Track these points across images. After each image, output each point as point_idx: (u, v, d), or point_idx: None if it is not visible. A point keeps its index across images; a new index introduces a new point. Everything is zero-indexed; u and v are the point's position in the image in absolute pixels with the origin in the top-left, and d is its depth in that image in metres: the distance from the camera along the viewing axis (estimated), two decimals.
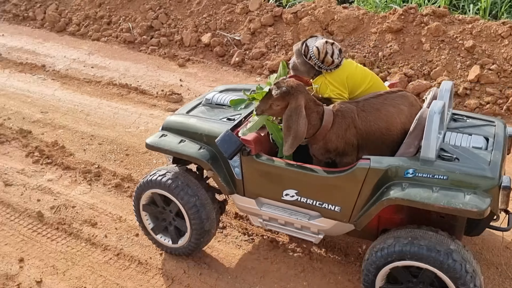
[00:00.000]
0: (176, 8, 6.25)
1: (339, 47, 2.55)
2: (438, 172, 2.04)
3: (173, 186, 2.51)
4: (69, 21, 6.65)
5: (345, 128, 2.32)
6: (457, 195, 1.97)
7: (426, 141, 2.08)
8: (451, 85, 2.37)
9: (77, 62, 5.68)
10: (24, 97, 4.82)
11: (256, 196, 2.50)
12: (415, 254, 2.01)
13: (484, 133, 2.30)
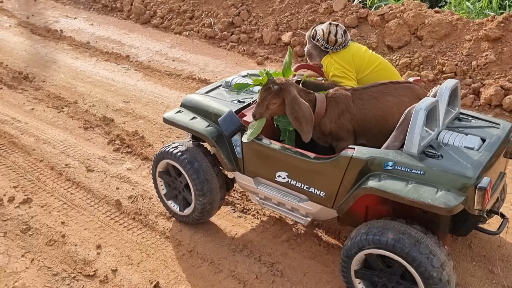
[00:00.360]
0: (258, 5, 6.21)
1: (344, 28, 2.68)
2: (416, 167, 2.08)
3: (182, 159, 2.71)
4: (154, 13, 6.82)
5: (338, 114, 2.43)
6: (430, 190, 2.00)
7: (410, 136, 2.12)
8: (453, 84, 2.34)
9: (159, 55, 5.80)
10: (109, 86, 4.99)
11: (254, 175, 2.64)
12: (383, 243, 2.07)
13: (482, 134, 2.26)
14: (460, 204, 1.95)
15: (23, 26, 6.71)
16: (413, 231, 2.08)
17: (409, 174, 2.08)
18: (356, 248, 2.18)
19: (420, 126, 2.09)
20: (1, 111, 4.37)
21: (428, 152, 2.14)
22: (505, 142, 2.28)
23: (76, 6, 7.53)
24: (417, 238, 2.04)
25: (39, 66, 5.43)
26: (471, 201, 2.00)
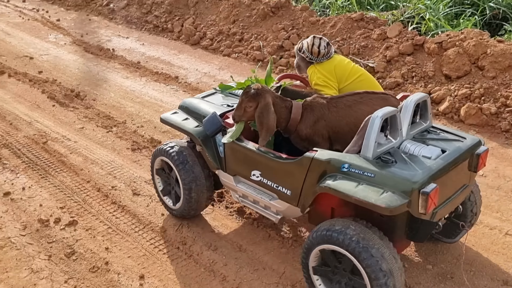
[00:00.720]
0: (309, 29, 6.12)
1: (327, 41, 2.93)
2: (368, 170, 2.20)
3: (175, 158, 2.95)
4: (204, 35, 6.86)
5: (314, 120, 2.60)
6: (376, 191, 2.12)
7: (366, 142, 2.27)
8: (419, 97, 2.44)
9: (207, 76, 5.79)
10: (157, 106, 4.99)
11: (234, 174, 2.83)
12: (335, 239, 2.20)
13: (444, 146, 2.36)
14: (401, 206, 2.06)
15: (77, 44, 6.90)
16: (367, 233, 2.20)
17: (361, 176, 2.21)
18: (312, 243, 2.32)
19: (376, 132, 2.23)
20: (53, 129, 4.43)
21: (384, 158, 2.26)
22: (466, 154, 2.36)
23: (129, 26, 7.70)
24: (369, 239, 2.16)
25: (90, 84, 5.52)
26: (415, 205, 2.10)
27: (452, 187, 2.36)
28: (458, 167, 2.33)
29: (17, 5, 9.01)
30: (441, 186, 2.15)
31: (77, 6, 8.72)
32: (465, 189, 2.46)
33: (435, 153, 2.29)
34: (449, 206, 2.37)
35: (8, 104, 4.89)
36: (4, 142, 4.16)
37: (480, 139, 2.50)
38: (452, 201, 2.37)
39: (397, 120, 2.33)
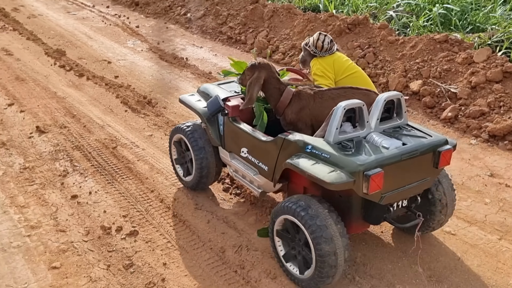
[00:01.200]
0: (386, 49, 5.85)
1: (331, 38, 3.27)
2: (325, 151, 2.46)
3: (190, 136, 3.35)
4: (276, 48, 6.78)
5: (299, 108, 2.90)
6: (327, 169, 2.38)
7: (329, 128, 2.52)
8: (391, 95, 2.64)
9: None
10: None
11: (230, 150, 3.22)
12: (292, 211, 2.51)
13: (407, 141, 2.54)
14: (345, 184, 2.31)
15: (153, 51, 7.07)
16: (319, 206, 2.48)
17: (319, 156, 2.48)
18: (278, 212, 2.65)
19: (337, 120, 2.49)
20: (123, 134, 4.51)
21: (344, 143, 2.50)
22: (426, 150, 2.52)
23: (203, 36, 7.80)
24: (318, 211, 2.45)
25: (162, 92, 5.60)
26: (359, 185, 2.32)
27: (407, 177, 2.54)
28: (416, 160, 2.50)
29: (101, 10, 9.46)
30: (391, 173, 2.38)
31: (156, 14, 9.00)
32: (424, 182, 2.62)
33: (394, 145, 2.48)
34: (400, 194, 2.55)
35: (84, 107, 5.06)
36: (76, 144, 4.28)
37: (446, 138, 2.65)
38: (406, 190, 2.56)
39: (364, 113, 2.57)
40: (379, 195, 2.41)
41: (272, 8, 7.43)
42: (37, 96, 5.26)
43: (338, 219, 2.49)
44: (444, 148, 2.57)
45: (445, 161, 2.59)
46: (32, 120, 4.69)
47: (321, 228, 2.40)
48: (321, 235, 2.39)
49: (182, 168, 3.59)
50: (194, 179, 3.44)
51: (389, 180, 2.38)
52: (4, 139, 4.27)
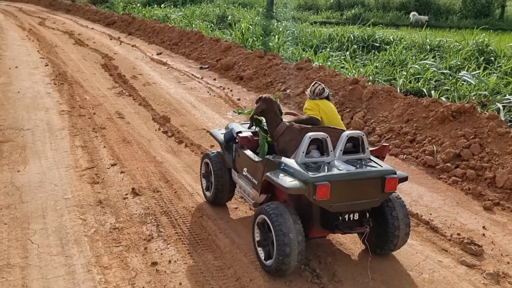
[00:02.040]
0: (494, 140, 5.41)
1: (323, 87, 4.14)
2: (292, 168, 3.26)
3: (212, 160, 4.31)
4: (372, 130, 6.63)
5: (289, 139, 3.66)
6: (289, 180, 3.18)
7: (298, 152, 3.37)
8: (353, 133, 3.43)
9: None
10: None
11: (237, 171, 4.06)
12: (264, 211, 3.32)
13: (360, 168, 3.29)
14: (298, 190, 3.10)
15: None
16: (285, 210, 3.23)
17: (287, 171, 3.26)
18: (258, 212, 3.41)
19: (304, 146, 3.31)
20: (210, 205, 4.56)
21: (308, 164, 3.28)
22: (372, 175, 3.25)
23: (300, 112, 7.90)
24: (283, 213, 3.21)
25: None
26: (311, 193, 3.08)
27: (355, 194, 3.26)
28: (364, 182, 3.26)
29: (208, 82, 10.14)
30: (339, 188, 3.14)
31: (257, 89, 9.41)
32: (372, 201, 3.35)
33: (347, 169, 3.24)
34: (348, 206, 3.29)
35: (178, 173, 5.27)
36: (165, 209, 4.41)
37: (394, 170, 3.35)
38: (354, 204, 3.30)
39: (328, 144, 3.37)
40: (328, 203, 3.17)
41: (372, 89, 7.38)
42: (138, 159, 5.61)
43: (298, 221, 3.24)
44: (389, 176, 3.29)
45: (390, 187, 3.30)
46: (130, 181, 4.97)
47: (281, 224, 3.16)
48: (281, 229, 3.15)
49: (207, 183, 4.51)
50: (212, 193, 4.35)
51: (337, 193, 3.15)
52: (102, 198, 4.55)
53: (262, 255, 3.46)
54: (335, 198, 3.14)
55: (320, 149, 3.41)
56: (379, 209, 3.53)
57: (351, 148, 3.45)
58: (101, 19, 21.37)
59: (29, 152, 5.62)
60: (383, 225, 3.51)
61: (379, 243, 3.58)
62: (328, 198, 3.09)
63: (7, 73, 10.03)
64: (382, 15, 24.53)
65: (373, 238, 3.56)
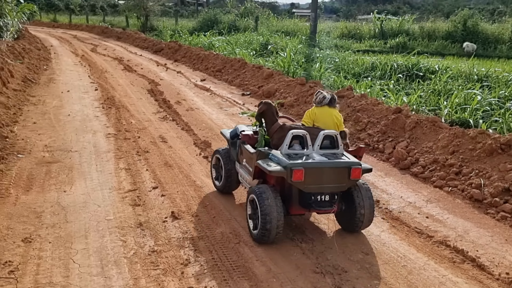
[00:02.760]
0: None
1: (324, 95, 4.75)
2: (277, 157, 4.15)
3: (222, 155, 5.21)
4: (416, 161, 6.46)
5: (281, 136, 4.46)
6: (273, 165, 4.06)
7: (282, 145, 4.28)
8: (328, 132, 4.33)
9: (412, 207, 5.29)
10: None
11: (239, 162, 4.90)
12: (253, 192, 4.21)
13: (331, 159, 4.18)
14: (278, 172, 3.99)
15: None
16: (269, 190, 4.13)
17: (273, 159, 4.17)
18: (249, 192, 4.35)
19: (288, 140, 4.24)
20: (247, 231, 4.55)
21: (290, 155, 4.18)
22: (342, 166, 4.12)
23: None
24: (268, 197, 4.05)
25: None
26: (288, 175, 3.95)
27: (326, 179, 4.09)
28: (333, 170, 4.10)
29: (249, 108, 10.26)
30: (312, 173, 4.00)
31: (298, 115, 9.39)
32: (340, 186, 4.19)
33: (320, 159, 4.12)
34: (320, 188, 4.11)
35: (217, 198, 5.30)
36: (203, 234, 4.44)
37: (360, 162, 4.20)
38: (325, 187, 4.12)
39: (306, 140, 4.26)
40: (302, 185, 4.02)
41: (416, 119, 7.23)
42: (179, 182, 5.70)
43: (279, 202, 4.09)
44: (355, 166, 4.11)
45: (355, 175, 4.12)
46: (170, 205, 5.04)
47: (264, 201, 4.03)
48: (264, 203, 4.02)
49: (216, 174, 5.43)
50: (222, 183, 5.27)
51: (310, 177, 4.00)
52: (142, 220, 4.64)
53: (251, 225, 4.34)
54: (309, 181, 4.01)
55: (301, 144, 4.31)
56: (349, 193, 4.38)
57: (328, 145, 4.34)
58: (149, 46, 22.25)
59: (76, 173, 5.84)
60: (351, 207, 4.38)
61: (350, 223, 4.47)
62: (302, 180, 3.97)
63: (59, 96, 10.57)
64: (427, 44, 24.21)
65: (345, 218, 4.52)
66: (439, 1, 54.40)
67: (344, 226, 4.58)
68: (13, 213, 4.63)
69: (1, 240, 4.11)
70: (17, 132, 7.38)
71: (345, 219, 4.52)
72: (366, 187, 4.44)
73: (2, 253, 3.91)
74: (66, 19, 47.19)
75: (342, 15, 60.54)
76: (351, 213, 4.39)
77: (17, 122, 8.00)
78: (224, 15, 31.82)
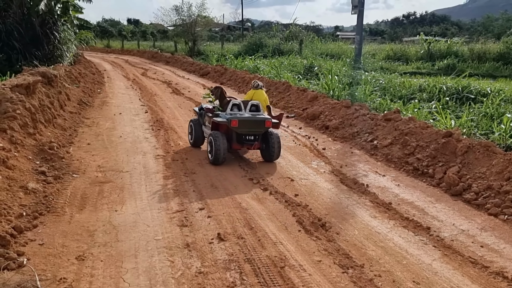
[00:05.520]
0: None
1: (258, 83, 8.68)
2: (223, 115, 7.52)
3: (194, 123, 8.40)
4: (468, 187, 6.21)
5: (228, 106, 7.64)
6: (220, 119, 7.41)
7: (226, 110, 7.66)
8: (252, 102, 7.78)
9: (465, 235, 5.07)
10: (401, 257, 4.56)
11: (204, 125, 8.20)
12: (212, 134, 7.39)
13: (255, 116, 7.56)
14: (223, 122, 7.35)
15: (335, 174, 7.22)
16: (219, 134, 7.30)
17: (221, 117, 7.47)
18: (209, 136, 7.48)
19: (229, 107, 7.60)
20: (293, 255, 4.52)
21: (231, 114, 7.47)
22: (260, 119, 7.43)
23: (388, 164, 7.70)
24: (219, 137, 7.21)
25: (337, 216, 5.55)
26: (229, 124, 7.19)
27: (251, 126, 7.33)
28: (255, 121, 7.35)
29: (294, 131, 10.29)
30: (242, 123, 7.24)
31: (343, 139, 9.35)
32: (259, 131, 7.42)
33: (248, 115, 7.44)
34: (247, 132, 7.35)
35: (262, 220, 5.31)
36: (249, 257, 4.44)
37: (269, 117, 7.63)
38: (250, 131, 7.36)
39: (241, 106, 7.61)
40: (237, 129, 7.23)
41: (467, 143, 6.98)
42: (224, 204, 5.77)
43: (224, 138, 7.22)
44: (267, 119, 7.38)
45: (267, 124, 7.37)
46: (216, 226, 5.10)
47: (217, 140, 7.12)
48: (216, 141, 7.15)
49: (190, 135, 8.46)
50: (194, 139, 8.30)
51: (241, 124, 7.20)
52: (189, 241, 4.71)
53: (209, 156, 7.44)
54: (241, 127, 7.26)
55: (239, 109, 7.62)
56: (266, 138, 7.54)
57: (254, 110, 7.70)
58: (196, 70, 22.88)
59: (126, 193, 6.03)
60: (267, 144, 7.56)
61: (267, 155, 7.64)
62: (237, 126, 7.21)
63: (112, 119, 11.02)
64: (477, 65, 23.49)
65: (264, 153, 7.70)
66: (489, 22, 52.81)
67: (265, 158, 7.72)
68: (67, 231, 4.83)
69: (57, 257, 4.29)
70: (72, 153, 7.74)
71: (265, 153, 7.68)
72: (276, 134, 7.59)
73: (57, 270, 4.08)
74: (119, 44, 49.43)
75: (387, 37, 59.93)
76: (268, 149, 7.56)
77: (72, 143, 8.40)
78: (269, 39, 32.32)
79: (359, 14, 20.03)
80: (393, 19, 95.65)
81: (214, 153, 7.19)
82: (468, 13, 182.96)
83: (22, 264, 4.07)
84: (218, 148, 7.12)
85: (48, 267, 4.10)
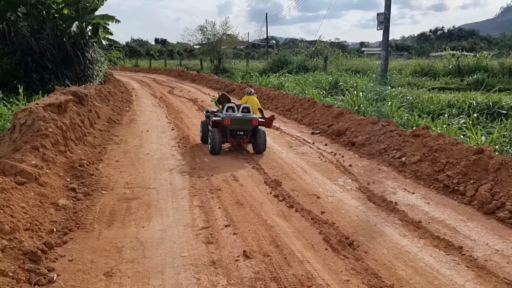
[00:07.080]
0: None
1: (250, 90, 10.73)
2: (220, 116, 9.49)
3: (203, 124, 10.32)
4: (501, 205, 6.01)
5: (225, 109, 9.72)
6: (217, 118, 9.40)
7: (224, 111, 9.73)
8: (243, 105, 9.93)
9: (499, 255, 4.89)
10: (432, 277, 4.43)
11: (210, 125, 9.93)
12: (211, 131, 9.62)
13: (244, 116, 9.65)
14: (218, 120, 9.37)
15: (362, 191, 7.11)
16: (216, 130, 9.33)
17: (219, 116, 9.46)
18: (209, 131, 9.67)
19: (225, 108, 9.73)
20: (320, 274, 4.45)
21: (226, 114, 9.50)
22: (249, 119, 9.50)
23: (417, 181, 7.54)
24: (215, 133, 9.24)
25: (365, 235, 5.45)
26: (223, 122, 9.32)
27: (240, 124, 9.35)
28: (245, 120, 9.39)
29: (319, 147, 10.23)
30: (234, 121, 9.29)
31: (370, 155, 9.23)
32: (247, 128, 9.41)
33: (239, 115, 9.50)
34: (238, 128, 9.37)
35: (288, 238, 5.26)
36: (275, 275, 4.39)
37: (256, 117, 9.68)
38: (240, 128, 9.38)
39: (235, 108, 9.74)
40: (230, 126, 9.25)
41: (500, 160, 6.78)
42: (250, 221, 5.74)
43: (220, 133, 9.24)
44: (254, 119, 9.39)
45: (255, 122, 9.35)
46: (242, 243, 5.07)
47: (214, 134, 9.16)
48: (214, 136, 9.16)
49: (201, 133, 10.17)
50: (203, 137, 10.05)
51: (233, 122, 9.25)
52: (215, 258, 4.70)
53: (208, 147, 9.24)
54: (232, 124, 9.20)
55: (233, 110, 9.55)
56: (255, 134, 9.34)
57: (246, 111, 9.63)
58: (221, 88, 23.12)
59: (153, 209, 6.09)
60: (255, 139, 9.34)
61: (256, 148, 9.37)
62: (229, 123, 9.16)
63: (139, 136, 11.21)
64: (508, 80, 22.94)
65: (254, 146, 9.40)
66: None
67: (255, 150, 9.44)
68: (96, 247, 4.90)
69: (86, 273, 4.35)
70: (101, 170, 7.89)
71: (254, 147, 9.42)
72: (262, 131, 9.40)
73: (86, 285, 4.12)
74: (147, 63, 50.55)
75: (414, 52, 59.34)
76: (256, 143, 9.33)
77: (101, 160, 8.57)
78: (294, 55, 32.47)
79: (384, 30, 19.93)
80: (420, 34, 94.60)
81: (212, 145, 9.19)
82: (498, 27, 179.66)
83: (52, 280, 4.14)
84: (214, 141, 9.10)
85: (77, 283, 4.15)
